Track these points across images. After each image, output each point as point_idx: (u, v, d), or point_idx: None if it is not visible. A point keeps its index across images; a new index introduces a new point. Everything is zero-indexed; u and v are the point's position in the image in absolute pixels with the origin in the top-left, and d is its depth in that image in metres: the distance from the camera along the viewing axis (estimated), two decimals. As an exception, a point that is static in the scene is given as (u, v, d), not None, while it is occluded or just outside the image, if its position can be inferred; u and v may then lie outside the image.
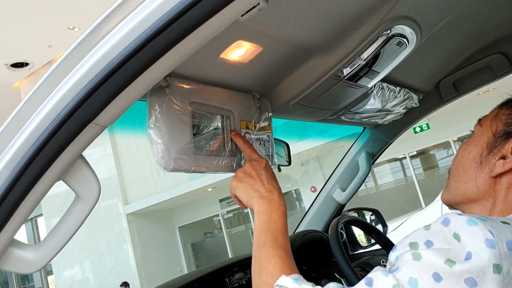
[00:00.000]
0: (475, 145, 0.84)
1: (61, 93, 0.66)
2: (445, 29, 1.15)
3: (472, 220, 0.65)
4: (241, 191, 0.91)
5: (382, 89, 1.32)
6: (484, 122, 0.87)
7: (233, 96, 0.98)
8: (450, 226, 0.67)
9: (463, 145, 0.88)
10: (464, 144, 0.88)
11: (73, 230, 0.77)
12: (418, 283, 0.63)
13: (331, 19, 0.88)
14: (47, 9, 8.70)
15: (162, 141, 0.80)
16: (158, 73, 0.65)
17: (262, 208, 0.87)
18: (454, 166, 0.88)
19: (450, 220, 0.67)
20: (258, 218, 0.86)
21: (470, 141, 0.87)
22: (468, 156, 0.85)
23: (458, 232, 0.65)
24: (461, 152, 0.87)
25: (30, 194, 0.69)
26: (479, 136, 0.85)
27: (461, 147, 0.88)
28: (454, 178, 0.87)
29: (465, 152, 0.86)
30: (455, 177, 0.86)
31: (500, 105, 0.87)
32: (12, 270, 0.76)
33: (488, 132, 0.84)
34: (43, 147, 0.67)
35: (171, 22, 0.59)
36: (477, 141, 0.85)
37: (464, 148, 0.87)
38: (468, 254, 0.62)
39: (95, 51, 0.64)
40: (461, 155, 0.86)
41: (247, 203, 0.91)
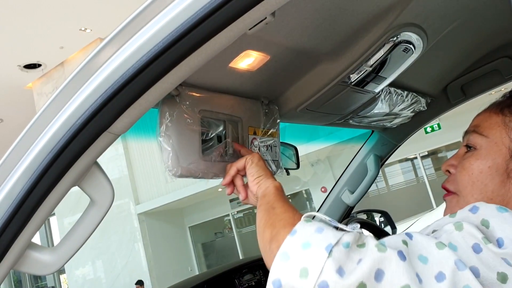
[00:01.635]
0: (492, 159, 0.80)
1: (77, 103, 0.69)
2: (452, 34, 1.16)
3: (502, 207, 0.65)
4: (260, 167, 0.94)
5: (389, 94, 1.34)
6: (490, 132, 0.82)
7: (241, 103, 1.00)
8: (478, 213, 0.66)
9: (471, 160, 0.82)
10: (471, 159, 0.82)
11: (87, 233, 0.80)
12: (457, 249, 0.62)
13: (337, 28, 0.90)
14: (59, 10, 8.78)
15: (171, 149, 0.82)
16: (170, 84, 0.68)
17: (280, 187, 0.89)
18: (468, 184, 0.81)
19: (479, 207, 0.67)
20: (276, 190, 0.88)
21: (479, 155, 0.82)
22: (489, 171, 0.80)
23: (487, 218, 0.65)
24: (472, 169, 0.81)
25: (47, 199, 0.72)
26: (492, 148, 0.81)
27: (467, 163, 0.83)
28: (474, 196, 0.81)
29: (479, 167, 0.81)
30: (474, 194, 0.81)
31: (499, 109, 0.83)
32: (30, 272, 0.80)
33: (504, 142, 0.80)
34: (60, 154, 0.70)
35: (182, 36, 0.61)
36: (493, 154, 0.80)
37: (475, 163, 0.81)
38: (499, 240, 0.62)
39: (109, 63, 0.67)
40: (477, 171, 0.81)
41: (257, 178, 0.92)
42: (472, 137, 0.84)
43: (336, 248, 0.62)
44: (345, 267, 0.61)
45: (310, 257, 0.62)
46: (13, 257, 0.75)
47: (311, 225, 0.68)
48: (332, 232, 0.65)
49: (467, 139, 0.86)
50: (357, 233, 0.66)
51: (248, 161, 0.95)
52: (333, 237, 0.64)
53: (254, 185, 0.93)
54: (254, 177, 0.93)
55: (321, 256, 0.62)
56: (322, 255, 0.62)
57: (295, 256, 0.64)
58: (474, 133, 0.84)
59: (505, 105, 0.84)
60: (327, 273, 0.60)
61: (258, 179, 0.92)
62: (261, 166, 0.94)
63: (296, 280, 0.62)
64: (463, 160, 0.84)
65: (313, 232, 0.66)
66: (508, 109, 0.83)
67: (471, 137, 0.85)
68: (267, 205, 0.84)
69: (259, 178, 0.92)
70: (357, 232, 0.66)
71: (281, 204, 0.83)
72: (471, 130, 0.85)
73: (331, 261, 0.61)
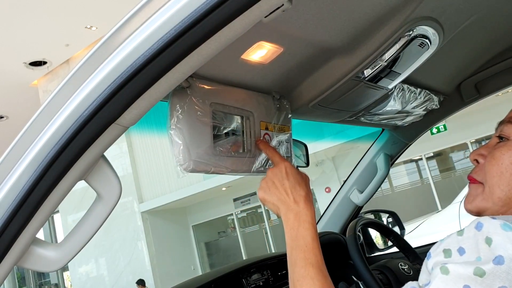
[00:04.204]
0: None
1: (84, 93, 0.66)
2: (468, 30, 1.13)
3: (507, 225, 0.63)
4: (270, 204, 0.89)
5: (402, 91, 1.31)
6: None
7: (253, 97, 0.98)
8: (483, 230, 0.65)
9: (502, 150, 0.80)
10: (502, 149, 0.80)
11: (94, 229, 0.77)
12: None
13: (353, 20, 0.87)
14: (65, 8, 8.80)
15: (182, 142, 0.80)
16: (181, 74, 0.65)
17: (289, 223, 0.85)
18: (497, 174, 0.79)
19: (483, 224, 0.65)
20: (287, 234, 0.84)
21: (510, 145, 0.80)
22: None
23: (491, 236, 0.63)
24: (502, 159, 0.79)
25: (52, 193, 0.70)
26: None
27: (498, 152, 0.80)
28: (500, 187, 0.78)
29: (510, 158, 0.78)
30: (501, 185, 0.78)
31: None
32: (34, 269, 0.77)
33: None
34: (66, 147, 0.67)
35: (195, 23, 0.58)
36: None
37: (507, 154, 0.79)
38: (498, 258, 0.61)
39: (118, 52, 0.64)
40: (508, 161, 0.78)
41: (278, 214, 0.88)
42: (507, 128, 0.82)
43: None
44: None
45: None
46: (17, 253, 0.72)
47: None
48: None
49: (501, 129, 0.83)
50: None
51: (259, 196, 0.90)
52: None
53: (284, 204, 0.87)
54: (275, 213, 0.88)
55: None
56: None
57: None
58: (509, 123, 0.82)
59: None
60: None
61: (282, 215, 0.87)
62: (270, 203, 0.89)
63: None
64: (494, 149, 0.81)
65: None
66: None
67: (505, 127, 0.82)
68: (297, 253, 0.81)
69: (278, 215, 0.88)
70: None
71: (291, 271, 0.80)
72: (507, 120, 0.83)
73: None
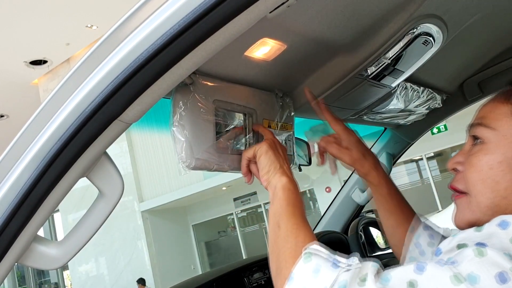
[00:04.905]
0: (502, 153, 0.72)
1: (86, 89, 0.66)
2: (472, 28, 1.12)
3: None
4: (268, 159, 0.87)
5: (405, 89, 1.30)
6: (498, 124, 0.74)
7: (256, 94, 0.97)
8: (509, 229, 0.60)
9: (479, 155, 0.75)
10: (478, 154, 0.75)
11: (95, 227, 0.77)
12: (479, 280, 0.56)
13: (357, 17, 0.87)
14: (66, 7, 8.79)
15: (185, 139, 0.79)
16: (185, 70, 0.65)
17: (287, 185, 0.83)
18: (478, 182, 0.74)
19: (509, 222, 0.61)
20: (284, 192, 0.82)
21: (487, 149, 0.74)
22: (500, 167, 0.72)
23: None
24: (481, 165, 0.74)
25: (54, 190, 0.69)
26: (500, 141, 0.73)
27: (475, 158, 0.75)
28: (485, 195, 0.73)
29: (489, 163, 0.73)
30: (486, 193, 0.73)
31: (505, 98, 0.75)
32: (35, 266, 0.77)
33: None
34: (68, 143, 0.67)
35: (200, 18, 0.58)
36: (502, 148, 0.73)
37: (484, 159, 0.74)
38: None
39: (121, 47, 0.64)
40: (487, 167, 0.73)
41: (265, 173, 0.86)
42: (478, 130, 0.76)
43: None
44: None
45: None
46: (18, 250, 0.72)
47: (309, 266, 0.66)
48: (328, 272, 0.63)
49: (473, 132, 0.78)
50: (355, 269, 0.63)
51: (256, 152, 0.88)
52: (329, 279, 0.62)
53: (264, 182, 0.86)
54: (263, 171, 0.87)
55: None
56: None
57: None
58: (479, 126, 0.76)
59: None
60: None
61: (267, 175, 0.86)
62: (270, 158, 0.87)
63: None
64: (470, 156, 0.76)
65: (309, 276, 0.65)
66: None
67: (477, 130, 0.77)
68: (274, 219, 0.79)
69: (268, 173, 0.86)
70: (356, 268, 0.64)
71: (285, 221, 0.78)
72: (476, 122, 0.77)
73: None
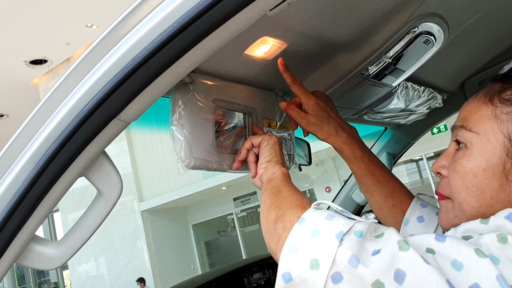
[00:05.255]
0: (486, 159, 0.69)
1: (85, 88, 0.65)
2: (473, 27, 1.12)
3: None
4: (274, 150, 0.89)
5: (406, 89, 1.29)
6: (481, 128, 0.70)
7: (256, 93, 0.96)
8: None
9: (462, 162, 0.71)
10: (462, 160, 0.71)
11: (94, 227, 0.76)
12: (499, 262, 0.54)
13: (358, 16, 0.86)
14: (66, 7, 8.78)
15: (184, 139, 0.79)
16: (184, 68, 0.64)
17: (286, 172, 0.86)
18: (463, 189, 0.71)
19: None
20: (284, 176, 0.84)
21: (470, 155, 0.71)
22: (484, 174, 0.69)
23: None
24: (465, 172, 0.71)
25: (52, 190, 0.69)
26: (484, 147, 0.69)
27: (459, 165, 0.72)
28: (470, 204, 0.70)
29: (473, 171, 0.70)
30: (471, 201, 0.70)
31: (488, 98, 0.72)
32: (33, 266, 0.76)
33: (497, 139, 0.69)
34: (66, 142, 0.66)
35: (199, 16, 0.57)
36: (486, 153, 0.69)
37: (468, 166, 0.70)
38: None
39: (120, 45, 0.63)
40: (471, 174, 0.70)
41: (266, 162, 0.88)
42: (461, 134, 0.73)
43: (347, 237, 0.58)
44: (359, 257, 0.56)
45: (319, 246, 0.58)
46: (16, 250, 0.71)
47: (321, 213, 0.63)
48: (343, 220, 0.61)
49: (455, 135, 0.75)
50: (371, 223, 0.61)
51: (264, 141, 0.90)
52: (344, 224, 0.60)
53: (262, 169, 0.88)
54: (265, 159, 0.88)
55: (331, 245, 0.57)
56: (333, 243, 0.57)
57: (304, 246, 0.60)
58: (462, 128, 0.73)
59: (495, 92, 0.71)
60: (340, 263, 0.56)
61: (267, 164, 0.88)
62: (276, 151, 0.89)
63: (307, 272, 0.57)
64: (454, 161, 0.73)
65: (322, 220, 0.61)
66: (498, 97, 0.70)
67: (459, 133, 0.73)
68: (273, 188, 0.80)
69: (269, 162, 0.88)
70: (372, 223, 0.61)
71: (288, 188, 0.78)
72: (459, 125, 0.74)
73: (343, 250, 0.56)
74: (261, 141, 0.90)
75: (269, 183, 0.83)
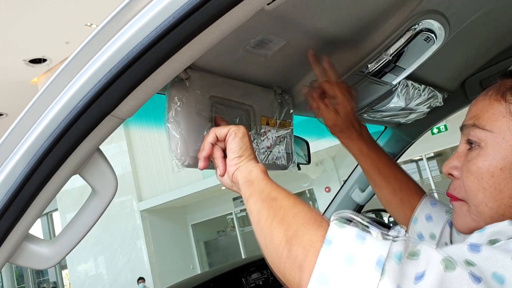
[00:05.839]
0: (503, 158, 0.66)
1: (78, 84, 0.64)
2: (474, 24, 1.10)
3: None
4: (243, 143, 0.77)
5: (406, 87, 1.28)
6: (495, 125, 0.68)
7: (254, 91, 0.95)
8: None
9: (477, 162, 0.68)
10: (477, 160, 0.69)
11: (88, 225, 0.75)
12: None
13: (358, 12, 0.85)
14: (65, 6, 8.77)
15: (180, 136, 0.77)
16: (180, 63, 0.63)
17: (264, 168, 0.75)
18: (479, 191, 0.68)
19: None
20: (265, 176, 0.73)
21: (485, 154, 0.68)
22: (502, 174, 0.66)
23: None
24: (481, 173, 0.68)
25: (45, 188, 0.67)
26: (500, 145, 0.67)
27: (474, 166, 0.69)
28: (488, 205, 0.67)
29: (489, 170, 0.67)
30: (489, 203, 0.67)
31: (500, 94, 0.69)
32: (26, 266, 0.75)
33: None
34: (60, 139, 0.65)
35: (195, 9, 0.56)
36: (502, 152, 0.67)
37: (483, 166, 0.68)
38: None
39: (114, 40, 0.62)
40: (487, 175, 0.67)
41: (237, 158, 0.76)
42: (474, 133, 0.70)
43: (388, 264, 0.49)
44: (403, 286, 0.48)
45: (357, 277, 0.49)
46: (9, 249, 0.70)
47: (347, 230, 0.53)
48: (377, 240, 0.52)
49: (467, 135, 0.72)
50: (404, 239, 0.53)
51: (231, 132, 0.77)
52: (381, 247, 0.50)
53: (232, 166, 0.77)
54: (234, 155, 0.77)
55: (372, 277, 0.48)
56: (374, 275, 0.48)
57: (337, 277, 0.50)
58: (474, 127, 0.70)
59: (507, 89, 0.69)
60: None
61: (238, 159, 0.76)
62: (246, 144, 0.77)
63: None
64: (467, 162, 0.70)
65: (353, 240, 0.52)
66: (511, 93, 0.68)
67: (471, 132, 0.70)
68: (262, 194, 0.68)
69: (240, 158, 0.76)
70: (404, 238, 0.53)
71: (283, 194, 0.67)
72: (471, 124, 0.71)
73: (386, 283, 0.48)
74: (227, 133, 0.78)
75: (251, 185, 0.72)
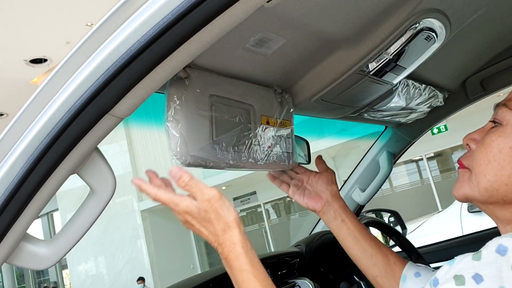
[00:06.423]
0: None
1: (76, 82, 0.63)
2: (475, 24, 1.10)
3: None
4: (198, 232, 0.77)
5: (407, 86, 1.28)
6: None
7: (254, 89, 0.94)
8: (508, 255, 0.57)
9: (492, 136, 0.72)
10: (493, 135, 0.72)
11: (87, 225, 0.74)
12: None
13: (358, 10, 0.84)
14: (66, 5, 8.77)
15: (180, 135, 0.77)
16: (178, 62, 0.62)
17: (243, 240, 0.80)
18: (484, 161, 0.71)
19: (508, 248, 0.57)
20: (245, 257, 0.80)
21: (503, 132, 0.71)
22: (510, 152, 0.69)
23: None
24: (491, 146, 0.71)
25: (43, 187, 0.67)
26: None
27: (488, 138, 0.72)
28: (486, 177, 0.71)
29: (500, 146, 0.70)
30: (487, 174, 0.71)
31: None
32: (24, 266, 0.74)
33: None
34: (58, 138, 0.64)
35: (194, 7, 0.55)
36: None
37: (496, 140, 0.71)
38: None
39: (112, 39, 0.61)
40: (496, 149, 0.70)
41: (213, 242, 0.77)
42: (501, 111, 0.73)
43: None
44: None
45: None
46: (6, 250, 0.69)
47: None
48: None
49: (496, 112, 0.75)
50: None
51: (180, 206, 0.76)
52: None
53: (214, 243, 0.77)
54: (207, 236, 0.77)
55: None
56: None
57: None
58: (504, 106, 0.73)
59: None
60: None
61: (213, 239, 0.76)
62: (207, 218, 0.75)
63: None
64: (485, 135, 0.74)
65: None
66: None
67: (499, 111, 0.73)
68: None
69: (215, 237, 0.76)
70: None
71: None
72: (502, 103, 0.74)
73: None
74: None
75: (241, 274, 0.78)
